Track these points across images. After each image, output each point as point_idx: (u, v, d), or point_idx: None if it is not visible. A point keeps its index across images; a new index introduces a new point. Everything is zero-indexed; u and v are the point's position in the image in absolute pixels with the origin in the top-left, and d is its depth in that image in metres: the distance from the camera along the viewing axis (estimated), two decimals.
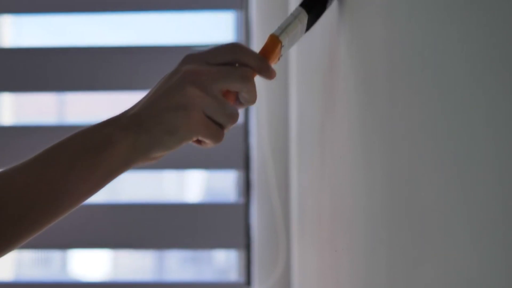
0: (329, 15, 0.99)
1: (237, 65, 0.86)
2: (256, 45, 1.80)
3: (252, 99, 0.87)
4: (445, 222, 0.50)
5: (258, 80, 0.90)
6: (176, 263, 3.12)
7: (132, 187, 2.34)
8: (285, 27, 0.87)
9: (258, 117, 1.80)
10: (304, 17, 0.88)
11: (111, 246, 1.97)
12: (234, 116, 0.85)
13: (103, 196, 2.52)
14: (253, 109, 1.81)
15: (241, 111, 1.87)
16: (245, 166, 1.84)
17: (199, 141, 0.86)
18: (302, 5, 0.89)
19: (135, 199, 2.08)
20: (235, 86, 0.85)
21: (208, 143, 0.85)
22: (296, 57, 1.53)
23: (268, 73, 0.87)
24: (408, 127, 0.60)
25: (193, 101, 0.83)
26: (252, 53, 0.87)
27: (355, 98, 0.83)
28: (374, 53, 0.73)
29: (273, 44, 0.87)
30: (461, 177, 0.47)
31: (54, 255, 2.95)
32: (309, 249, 1.31)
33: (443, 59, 0.51)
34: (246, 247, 1.84)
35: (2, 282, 1.97)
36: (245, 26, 1.85)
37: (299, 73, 1.49)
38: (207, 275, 2.72)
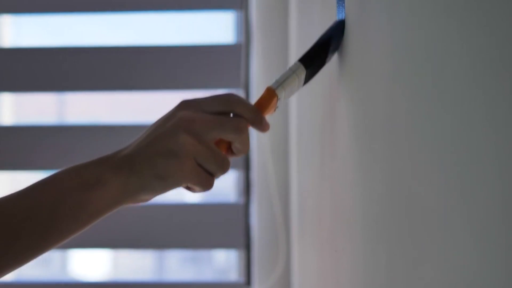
0: (329, 11, 0.99)
1: (232, 115, 0.87)
2: (256, 46, 1.81)
3: (245, 149, 0.88)
4: (445, 222, 0.50)
5: (258, 80, 0.90)
6: (176, 263, 3.11)
7: None
8: (282, 81, 0.89)
9: None
10: (302, 72, 0.89)
11: (111, 246, 1.97)
12: (225, 166, 0.86)
13: None
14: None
15: None
16: (245, 166, 1.84)
17: (188, 187, 0.87)
18: (301, 60, 0.89)
19: None
20: (228, 136, 0.86)
21: (198, 189, 0.86)
22: (296, 56, 1.53)
23: (262, 126, 0.88)
24: (408, 127, 0.60)
25: (185, 149, 0.83)
26: (247, 104, 0.88)
27: (356, 98, 0.84)
28: (375, 52, 0.73)
29: (269, 97, 0.89)
30: (461, 177, 0.47)
31: (54, 255, 2.95)
32: (309, 249, 1.31)
33: (441, 60, 0.51)
34: (246, 247, 1.84)
35: (2, 282, 1.97)
36: (245, 26, 1.85)
37: None
38: (207, 275, 2.72)
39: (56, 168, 1.99)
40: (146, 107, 2.10)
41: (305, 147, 1.36)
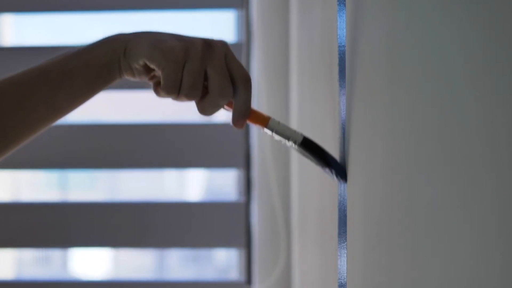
0: (330, 11, 0.99)
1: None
2: (257, 45, 1.81)
3: (205, 109, 0.90)
4: (445, 222, 0.50)
5: (259, 79, 0.90)
6: (177, 261, 3.12)
7: (132, 185, 2.35)
8: (282, 125, 0.90)
9: None
10: (298, 138, 0.90)
11: (111, 245, 1.97)
12: (193, 90, 0.88)
13: (103, 194, 2.52)
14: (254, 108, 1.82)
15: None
16: (246, 164, 1.84)
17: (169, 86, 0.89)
18: (305, 136, 0.90)
19: (136, 198, 2.08)
20: (214, 89, 0.88)
21: (161, 85, 0.89)
22: (297, 55, 1.53)
23: (237, 119, 0.90)
24: (409, 127, 0.60)
25: (194, 49, 0.88)
26: (250, 97, 0.90)
27: (356, 97, 0.84)
28: (377, 51, 0.73)
29: (263, 116, 0.90)
30: (461, 177, 0.47)
31: (55, 254, 2.96)
32: (309, 247, 1.31)
33: (439, 62, 0.51)
34: (247, 245, 1.85)
35: (3, 281, 1.97)
36: (246, 25, 1.85)
37: (299, 71, 1.49)
38: (207, 274, 2.72)
39: (56, 167, 1.99)
40: (146, 106, 2.11)
41: None
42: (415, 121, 0.58)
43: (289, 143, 0.90)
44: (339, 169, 0.89)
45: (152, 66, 0.88)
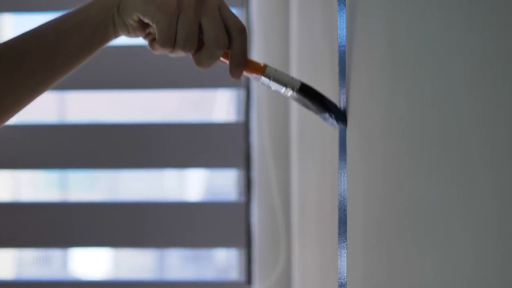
0: (330, 11, 0.99)
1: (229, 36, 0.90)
2: (257, 45, 1.80)
3: (201, 62, 0.89)
4: (445, 222, 0.50)
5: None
6: (177, 261, 3.12)
7: (132, 185, 2.35)
8: (280, 72, 0.90)
9: (258, 115, 1.80)
10: (293, 87, 0.89)
11: (112, 245, 1.97)
12: (188, 42, 0.88)
13: (104, 194, 2.53)
14: (254, 107, 1.82)
15: (241, 109, 1.87)
16: (246, 164, 1.84)
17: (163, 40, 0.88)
18: (303, 82, 0.90)
19: (136, 198, 2.08)
20: (210, 40, 0.88)
21: (156, 41, 0.89)
22: (297, 55, 1.53)
23: (234, 69, 0.90)
24: (409, 127, 0.60)
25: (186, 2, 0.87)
26: (246, 47, 0.90)
27: (356, 96, 0.84)
28: (377, 51, 0.73)
29: (260, 68, 0.90)
30: (461, 177, 0.47)
31: (55, 253, 2.96)
32: (309, 247, 1.31)
33: (439, 62, 0.51)
34: (247, 245, 1.85)
35: (3, 281, 1.98)
36: (246, 24, 1.85)
37: (300, 70, 1.49)
38: (207, 274, 2.72)
39: (57, 167, 1.99)
40: (146, 106, 2.10)
41: (306, 145, 1.37)
42: (415, 121, 0.58)
43: (287, 91, 0.90)
44: (339, 113, 0.88)
45: (146, 20, 0.88)
